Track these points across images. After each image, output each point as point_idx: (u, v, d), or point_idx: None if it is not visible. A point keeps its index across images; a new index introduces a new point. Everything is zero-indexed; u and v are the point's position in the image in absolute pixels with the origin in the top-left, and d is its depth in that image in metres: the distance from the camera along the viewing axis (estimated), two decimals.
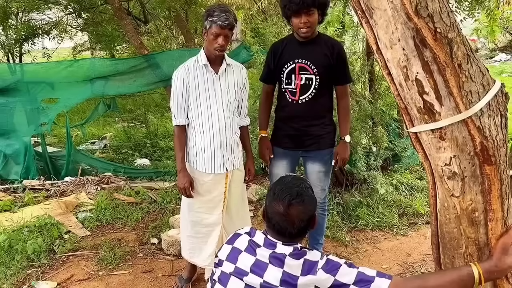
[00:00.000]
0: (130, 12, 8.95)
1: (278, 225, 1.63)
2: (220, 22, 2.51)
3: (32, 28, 9.47)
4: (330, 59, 2.83)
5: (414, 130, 1.59)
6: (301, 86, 2.84)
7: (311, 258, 1.58)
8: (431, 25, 1.40)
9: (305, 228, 1.67)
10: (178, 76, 2.68)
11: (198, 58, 2.71)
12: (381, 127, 4.77)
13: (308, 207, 1.65)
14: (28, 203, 4.55)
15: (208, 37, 2.59)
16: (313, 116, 2.91)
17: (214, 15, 2.52)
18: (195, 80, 2.67)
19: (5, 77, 5.55)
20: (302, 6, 2.61)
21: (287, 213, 1.61)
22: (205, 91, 2.70)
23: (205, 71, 2.70)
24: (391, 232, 3.99)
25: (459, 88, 1.44)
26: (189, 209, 2.92)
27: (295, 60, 2.85)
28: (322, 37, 2.95)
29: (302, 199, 1.64)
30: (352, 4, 1.54)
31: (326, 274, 1.54)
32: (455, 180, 1.56)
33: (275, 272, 1.56)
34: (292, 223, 1.62)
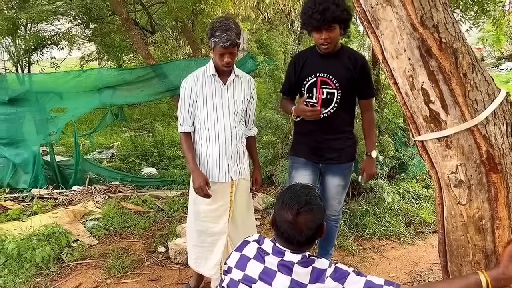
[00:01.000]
0: (137, 22, 9.05)
1: (286, 233, 1.64)
2: (222, 44, 2.52)
3: (41, 39, 9.60)
4: (353, 73, 2.75)
5: (420, 139, 1.61)
6: (322, 100, 2.78)
7: (320, 266, 1.59)
8: (436, 35, 1.42)
9: (313, 236, 1.67)
10: (187, 84, 2.72)
11: (207, 68, 2.74)
12: (388, 135, 4.78)
13: (317, 216, 1.66)
14: (37, 212, 4.59)
15: (215, 54, 2.61)
16: (335, 130, 2.85)
17: (216, 36, 2.53)
18: (203, 89, 2.71)
19: (14, 87, 5.63)
20: (323, 23, 2.54)
21: (296, 221, 1.62)
22: (213, 100, 2.73)
23: (213, 81, 2.72)
24: (398, 241, 3.99)
25: (465, 97, 1.46)
26: (195, 218, 2.93)
27: (316, 74, 2.78)
28: (345, 50, 2.86)
29: (310, 208, 1.65)
30: (359, 15, 1.57)
31: (334, 282, 1.54)
32: (462, 188, 1.57)
33: (283, 279, 1.57)
34: (300, 231, 1.62)
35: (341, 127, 2.86)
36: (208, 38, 2.62)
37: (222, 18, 2.64)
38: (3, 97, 5.28)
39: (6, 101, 5.28)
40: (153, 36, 8.69)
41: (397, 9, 1.43)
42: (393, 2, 1.43)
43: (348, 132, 2.91)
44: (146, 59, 5.92)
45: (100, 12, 8.68)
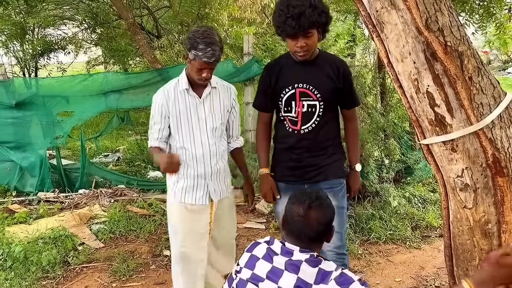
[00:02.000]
0: (143, 27, 9.11)
1: (296, 228, 1.67)
2: (205, 59, 2.23)
3: (48, 43, 9.68)
4: (336, 82, 2.44)
5: (425, 142, 1.60)
6: (303, 114, 2.45)
7: (326, 268, 1.60)
8: (441, 39, 1.42)
9: (323, 234, 1.70)
10: (157, 100, 2.42)
11: (179, 81, 2.43)
12: (393, 139, 4.77)
13: (327, 212, 1.70)
14: (43, 215, 4.61)
15: (192, 67, 2.32)
16: (318, 146, 2.52)
17: (198, 49, 2.22)
18: (175, 106, 2.41)
19: (21, 91, 5.67)
20: (298, 29, 2.22)
21: (306, 215, 1.66)
22: (187, 117, 2.43)
23: (186, 96, 2.42)
24: (404, 245, 3.97)
25: (470, 100, 1.46)
26: (175, 242, 2.62)
27: (294, 85, 2.44)
28: (324, 55, 2.54)
29: (321, 203, 1.69)
30: (364, 19, 1.57)
31: (337, 286, 1.55)
32: (468, 191, 1.56)
33: (289, 278, 1.59)
34: (311, 226, 1.66)
35: (324, 141, 2.52)
36: (187, 48, 2.29)
37: (205, 28, 2.32)
38: (10, 101, 5.32)
39: (13, 105, 5.32)
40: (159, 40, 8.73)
41: (402, 12, 1.44)
42: (398, 6, 1.44)
43: (333, 146, 2.57)
44: (152, 63, 5.96)
45: (106, 16, 8.77)
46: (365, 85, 4.86)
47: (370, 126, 4.60)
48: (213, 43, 2.24)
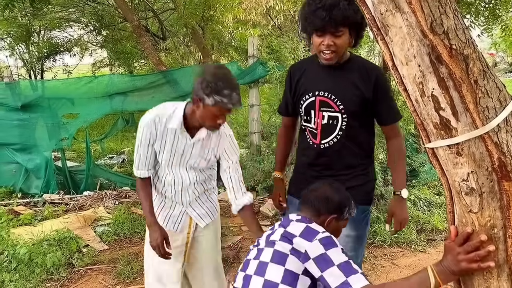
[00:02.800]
0: (148, 29, 9.14)
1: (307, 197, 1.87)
2: (230, 106, 1.96)
3: (54, 46, 9.73)
4: (364, 92, 2.09)
5: (430, 146, 1.59)
6: (322, 126, 2.15)
7: (314, 228, 1.71)
8: (446, 42, 1.41)
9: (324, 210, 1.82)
10: (145, 127, 2.13)
11: (171, 118, 2.12)
12: None
13: (336, 193, 1.85)
14: (48, 217, 4.63)
15: (206, 112, 2.00)
16: (341, 164, 2.19)
17: (222, 94, 1.92)
18: (162, 139, 2.14)
19: (27, 93, 5.71)
20: (329, 23, 1.93)
21: (319, 188, 1.87)
22: (170, 153, 2.17)
23: (177, 133, 2.14)
24: (409, 249, 3.95)
25: (476, 104, 1.44)
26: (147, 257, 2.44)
27: (315, 92, 2.14)
28: (355, 60, 2.17)
29: (336, 187, 1.88)
30: (368, 22, 1.56)
31: (320, 245, 1.62)
32: (473, 196, 1.55)
33: (279, 231, 1.74)
34: (317, 196, 1.84)
35: (349, 160, 2.19)
36: (203, 93, 1.95)
37: (224, 70, 2.05)
38: (16, 103, 5.36)
39: (19, 107, 5.36)
40: (164, 43, 8.78)
41: (407, 15, 1.42)
42: (402, 9, 1.42)
43: (359, 167, 2.22)
44: (157, 65, 5.98)
45: (112, 19, 8.81)
46: None
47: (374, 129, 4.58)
48: (236, 87, 1.98)
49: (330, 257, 1.59)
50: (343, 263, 1.58)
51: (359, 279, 1.56)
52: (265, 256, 1.70)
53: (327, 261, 1.59)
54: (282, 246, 1.67)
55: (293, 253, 1.64)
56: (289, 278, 1.63)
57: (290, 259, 1.64)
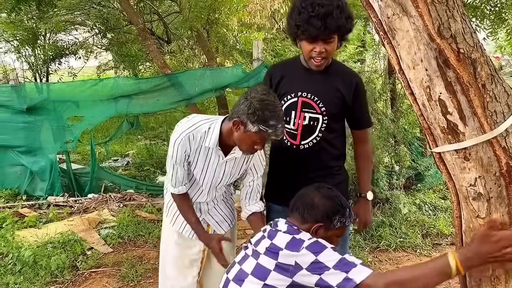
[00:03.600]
0: (153, 32, 9.17)
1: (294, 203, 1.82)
2: (274, 137, 1.92)
3: (59, 49, 9.77)
4: (345, 97, 2.18)
5: (437, 150, 1.58)
6: (303, 127, 2.18)
7: (300, 237, 1.64)
8: (454, 46, 1.40)
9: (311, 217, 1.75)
10: (180, 145, 2.04)
11: (207, 136, 2.05)
12: (404, 145, 4.74)
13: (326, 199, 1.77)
14: (53, 219, 4.64)
15: (245, 138, 1.94)
16: (317, 166, 2.24)
17: (268, 125, 1.86)
18: (195, 156, 2.10)
19: (32, 96, 5.73)
20: (323, 32, 1.97)
21: (310, 193, 1.80)
22: (202, 171, 2.15)
23: (211, 150, 2.10)
24: (414, 253, 3.92)
25: (484, 108, 1.43)
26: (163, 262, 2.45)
27: (297, 93, 2.18)
28: (336, 65, 2.26)
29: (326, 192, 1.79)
30: (374, 25, 1.55)
31: (309, 252, 1.56)
32: (481, 201, 1.53)
33: (265, 242, 1.68)
34: (305, 201, 1.78)
35: (325, 161, 2.25)
36: (248, 119, 1.88)
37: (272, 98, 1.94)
38: (21, 106, 5.39)
39: (24, 110, 5.38)
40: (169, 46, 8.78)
41: (414, 19, 1.42)
42: (410, 13, 1.42)
43: (335, 168, 2.30)
44: (162, 68, 5.98)
45: (117, 22, 8.84)
46: (375, 90, 4.84)
47: (380, 132, 4.57)
48: (282, 119, 1.93)
49: (322, 262, 1.54)
50: (337, 263, 1.53)
51: (361, 271, 1.50)
52: (247, 266, 1.67)
53: (321, 267, 1.53)
54: (266, 261, 1.62)
55: (277, 269, 1.58)
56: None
57: (272, 275, 1.59)
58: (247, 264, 1.68)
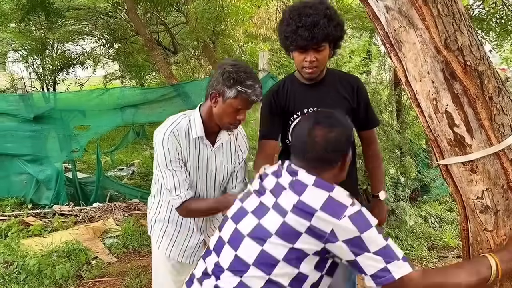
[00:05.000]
0: (160, 42, 9.25)
1: (299, 145, 1.49)
2: (254, 97, 1.86)
3: (67, 59, 9.87)
4: (350, 102, 2.17)
5: (444, 163, 1.57)
6: None
7: (339, 199, 1.35)
8: (460, 59, 1.40)
9: (331, 158, 1.47)
10: (169, 144, 1.92)
11: (190, 125, 1.98)
12: (410, 157, 4.72)
13: (337, 131, 1.47)
14: (58, 228, 4.64)
15: (225, 108, 1.89)
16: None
17: (245, 85, 1.83)
18: (186, 153, 1.98)
19: (39, 105, 5.78)
20: (311, 41, 1.96)
21: (311, 131, 1.47)
22: (196, 168, 2.02)
23: (199, 144, 2.00)
24: (420, 265, 3.88)
25: (491, 120, 1.43)
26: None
27: (303, 110, 2.15)
28: (332, 73, 2.24)
29: (331, 121, 1.50)
30: (381, 37, 1.56)
31: (351, 224, 1.31)
32: (488, 214, 1.53)
33: (290, 197, 1.39)
34: (313, 144, 1.45)
35: None
36: (224, 85, 1.86)
37: (244, 63, 1.97)
38: (29, 115, 5.42)
39: (31, 119, 5.41)
40: (175, 56, 8.86)
41: (421, 32, 1.42)
42: (416, 25, 1.43)
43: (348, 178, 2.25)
44: (168, 79, 6.03)
45: (124, 32, 8.93)
46: (381, 102, 4.84)
47: (386, 144, 4.56)
48: (258, 80, 1.91)
49: (365, 241, 1.31)
50: (381, 249, 1.31)
51: (402, 266, 1.31)
52: (268, 222, 1.39)
53: (361, 247, 1.31)
54: (296, 221, 1.34)
55: (309, 232, 1.32)
56: (294, 257, 1.35)
57: (302, 238, 1.33)
58: (269, 220, 1.39)
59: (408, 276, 1.30)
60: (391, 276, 1.29)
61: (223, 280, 1.41)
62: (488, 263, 1.39)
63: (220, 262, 1.45)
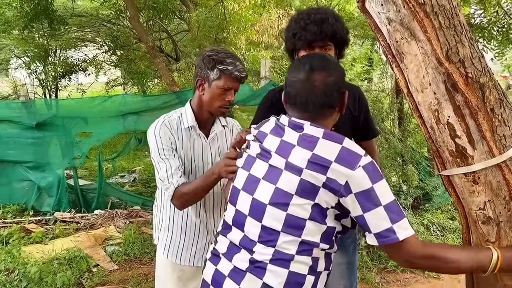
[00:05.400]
0: (162, 50, 9.28)
1: (299, 95, 1.44)
2: (237, 73, 1.89)
3: (69, 65, 9.91)
4: (352, 110, 2.17)
5: (446, 173, 1.57)
6: None
7: (352, 149, 1.33)
8: (462, 70, 1.41)
9: (333, 98, 1.45)
10: (162, 133, 1.94)
11: (182, 116, 2.01)
12: (411, 165, 4.71)
13: (334, 74, 1.46)
14: (59, 235, 4.64)
15: (212, 91, 1.91)
16: None
17: (226, 63, 1.88)
18: (181, 145, 1.99)
19: (42, 112, 5.80)
20: (320, 36, 1.96)
21: (309, 78, 1.43)
22: (191, 161, 2.00)
23: (192, 135, 2.01)
24: (422, 274, 3.87)
25: (492, 132, 1.43)
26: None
27: None
28: None
29: (325, 64, 1.47)
30: (383, 49, 1.57)
31: (365, 174, 1.29)
32: (490, 225, 1.52)
33: (302, 153, 1.35)
34: (313, 89, 1.42)
35: None
36: (207, 68, 1.91)
37: (221, 47, 2.03)
38: (31, 122, 5.44)
39: (33, 126, 5.43)
40: (177, 63, 8.89)
41: (422, 43, 1.43)
42: (418, 37, 1.43)
43: None
44: (170, 86, 6.04)
45: (127, 39, 8.97)
46: (383, 110, 4.84)
47: (387, 152, 4.56)
48: (238, 58, 1.95)
49: (376, 193, 1.29)
50: (390, 203, 1.30)
51: (406, 227, 1.29)
52: (286, 184, 1.35)
53: (372, 199, 1.29)
54: (313, 176, 1.31)
55: (326, 186, 1.31)
56: (319, 213, 1.34)
57: (320, 193, 1.32)
58: (285, 181, 1.36)
59: (410, 239, 1.29)
60: (395, 237, 1.28)
61: (258, 252, 1.39)
62: (491, 255, 1.36)
63: (248, 236, 1.42)
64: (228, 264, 1.45)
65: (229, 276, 1.43)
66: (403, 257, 1.33)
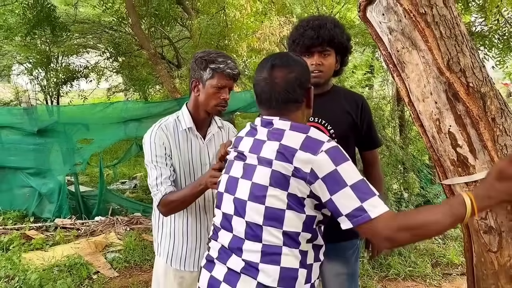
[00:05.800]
0: (164, 56, 9.31)
1: (263, 92, 1.50)
2: (229, 71, 1.93)
3: (71, 72, 9.94)
4: (354, 118, 2.14)
5: (447, 183, 1.57)
6: None
7: (316, 137, 1.39)
8: (463, 80, 1.41)
9: (295, 98, 1.49)
10: (156, 140, 1.95)
11: (179, 119, 2.04)
12: (413, 172, 4.71)
13: (295, 70, 1.49)
14: (60, 242, 4.63)
15: (207, 91, 1.95)
16: None
17: (218, 62, 1.92)
18: (176, 148, 1.99)
19: (43, 118, 5.81)
20: (317, 41, 2.00)
21: (269, 75, 1.49)
22: (189, 162, 2.02)
23: (189, 137, 2.03)
24: (424, 283, 3.85)
25: (494, 141, 1.43)
26: None
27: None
28: (339, 89, 2.26)
29: (285, 61, 1.51)
30: (384, 58, 1.58)
31: (328, 158, 1.33)
32: (492, 234, 1.52)
33: (271, 145, 1.41)
34: (274, 86, 1.47)
35: None
36: (199, 69, 1.95)
37: (212, 49, 2.08)
38: (32, 128, 5.45)
39: (35, 132, 5.44)
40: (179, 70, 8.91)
41: (423, 53, 1.44)
42: (419, 47, 1.44)
43: None
44: (172, 92, 6.05)
45: (128, 46, 8.99)
46: (384, 117, 4.85)
47: (389, 159, 4.56)
48: (229, 56, 1.98)
49: (341, 175, 1.30)
50: (357, 182, 1.30)
51: (377, 204, 1.28)
52: (260, 177, 1.40)
53: (338, 181, 1.30)
54: (282, 166, 1.36)
55: (295, 175, 1.35)
56: (296, 203, 1.36)
57: (291, 182, 1.35)
58: (259, 175, 1.41)
59: (384, 215, 1.27)
60: (367, 215, 1.27)
61: (248, 249, 1.40)
62: (462, 199, 1.28)
63: (237, 235, 1.44)
64: (222, 268, 1.46)
65: (224, 280, 1.44)
66: (381, 235, 1.29)
